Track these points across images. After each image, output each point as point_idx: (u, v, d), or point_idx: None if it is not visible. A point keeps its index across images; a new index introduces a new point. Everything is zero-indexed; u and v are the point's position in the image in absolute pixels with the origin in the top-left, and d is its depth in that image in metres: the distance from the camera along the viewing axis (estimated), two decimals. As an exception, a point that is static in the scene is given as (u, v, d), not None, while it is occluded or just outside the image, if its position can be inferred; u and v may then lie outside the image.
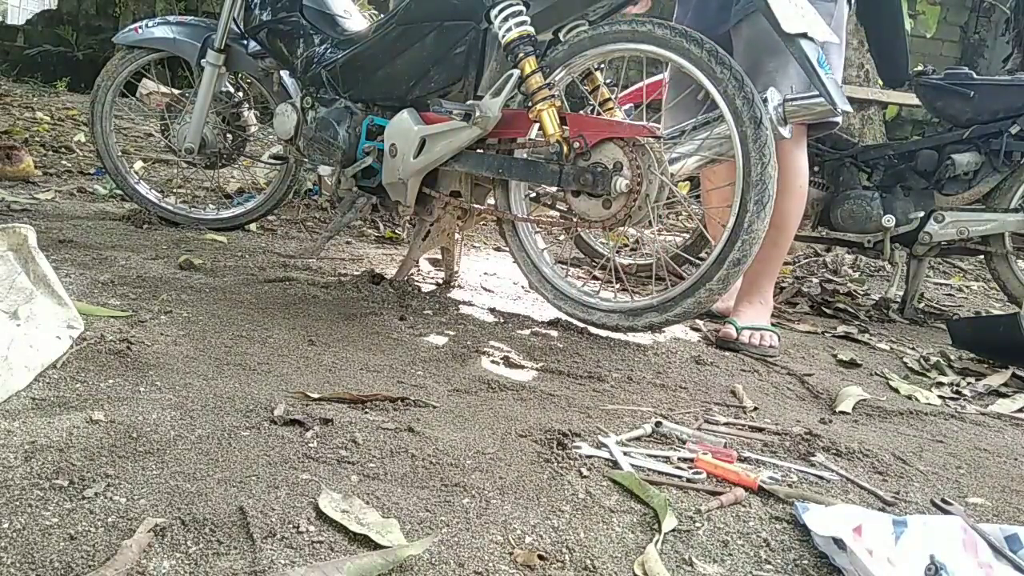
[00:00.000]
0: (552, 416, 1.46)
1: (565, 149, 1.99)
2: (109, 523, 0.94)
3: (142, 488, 1.02)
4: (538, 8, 2.05)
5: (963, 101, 2.83)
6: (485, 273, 2.82)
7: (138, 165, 3.50)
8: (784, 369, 2.06)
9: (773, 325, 2.29)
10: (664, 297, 2.00)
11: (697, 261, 2.71)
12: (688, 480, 1.25)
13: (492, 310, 2.20)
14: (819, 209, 3.03)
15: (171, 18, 2.80)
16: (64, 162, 3.82)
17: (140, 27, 2.73)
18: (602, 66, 2.19)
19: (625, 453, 1.32)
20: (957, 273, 4.18)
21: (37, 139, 4.22)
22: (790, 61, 2.10)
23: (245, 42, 2.64)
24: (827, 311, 2.92)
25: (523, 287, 2.65)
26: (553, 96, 2.01)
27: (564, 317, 2.18)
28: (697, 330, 2.35)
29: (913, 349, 2.49)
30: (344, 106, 2.36)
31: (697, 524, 1.12)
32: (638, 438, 1.41)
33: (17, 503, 0.96)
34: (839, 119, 2.23)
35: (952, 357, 2.38)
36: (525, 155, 2.16)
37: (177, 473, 1.07)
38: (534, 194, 2.29)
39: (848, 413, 1.75)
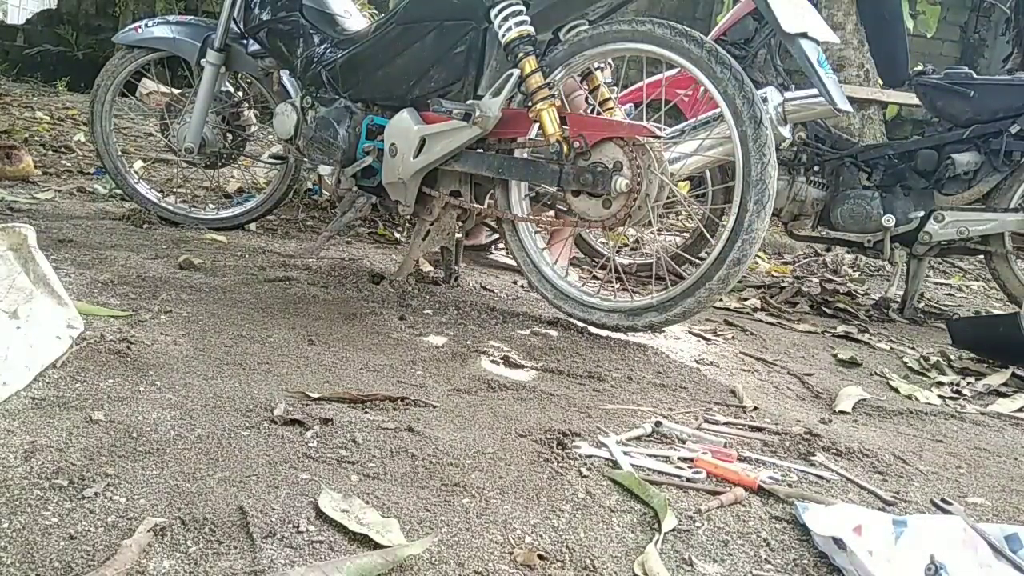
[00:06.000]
0: (552, 416, 1.46)
1: (565, 149, 1.99)
2: (109, 523, 0.94)
3: (142, 488, 1.02)
4: (538, 8, 2.05)
5: (963, 101, 2.83)
6: (485, 273, 2.82)
7: (138, 165, 3.49)
8: (784, 369, 2.06)
9: (773, 325, 2.28)
10: (664, 297, 2.00)
11: (697, 261, 2.71)
12: (688, 480, 1.25)
13: (492, 310, 2.20)
14: (819, 209, 3.03)
15: (171, 18, 2.80)
16: (64, 162, 3.82)
17: (140, 27, 2.73)
18: (602, 66, 2.19)
19: (625, 453, 1.32)
20: (957, 273, 4.18)
21: (37, 139, 4.22)
22: None
23: (245, 42, 2.64)
24: (827, 311, 2.92)
25: (523, 287, 2.64)
26: (553, 96, 2.01)
27: (564, 317, 2.18)
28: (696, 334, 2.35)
29: (913, 349, 2.49)
30: (344, 106, 2.36)
31: (697, 524, 1.12)
32: (638, 438, 1.41)
33: (17, 503, 0.95)
34: None
35: (952, 357, 2.38)
36: (525, 155, 2.16)
37: (177, 473, 1.07)
38: (534, 194, 2.29)
39: (848, 413, 1.75)
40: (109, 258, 2.19)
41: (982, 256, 3.07)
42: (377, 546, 0.96)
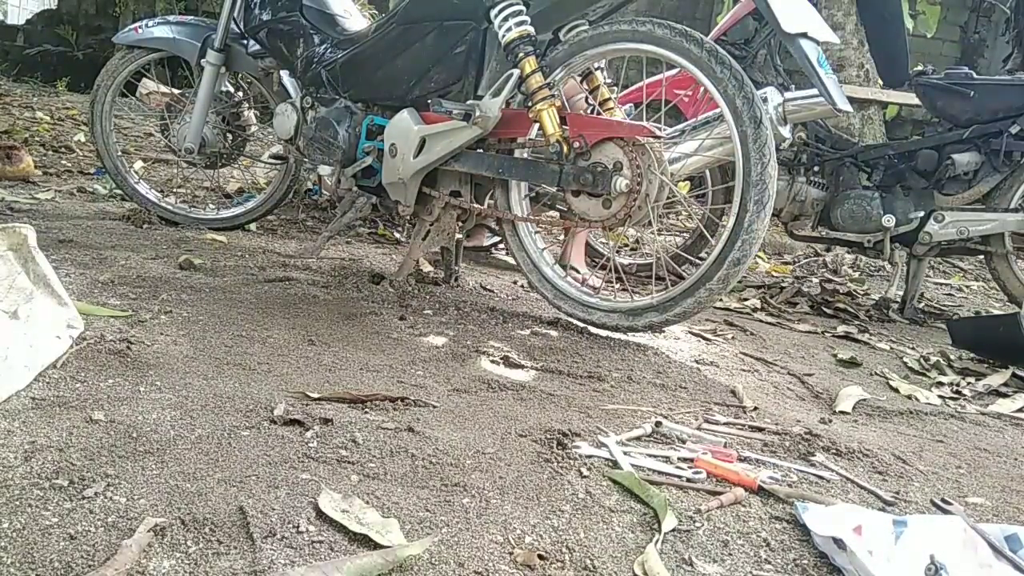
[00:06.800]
0: (552, 416, 1.46)
1: (565, 149, 1.99)
2: (109, 523, 0.94)
3: (142, 488, 1.02)
4: (538, 8, 2.05)
5: (963, 101, 2.83)
6: (485, 273, 2.82)
7: (138, 165, 3.50)
8: (784, 369, 2.06)
9: (773, 325, 2.28)
10: (664, 297, 2.00)
11: (697, 261, 2.71)
12: (688, 480, 1.25)
13: (492, 310, 2.20)
14: (819, 209, 3.03)
15: (171, 18, 2.80)
16: (64, 162, 3.82)
17: (140, 27, 2.73)
18: (601, 66, 2.19)
19: (625, 453, 1.32)
20: (957, 273, 4.18)
21: (37, 139, 4.22)
22: None
23: (245, 42, 2.64)
24: (827, 311, 2.92)
25: (523, 287, 2.64)
26: (553, 96, 2.01)
27: (564, 317, 2.18)
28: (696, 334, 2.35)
29: (913, 349, 2.49)
30: (344, 106, 2.36)
31: (697, 524, 1.12)
32: (638, 438, 1.41)
33: (17, 503, 0.95)
34: None
35: (952, 357, 2.38)
36: (525, 155, 2.16)
37: (177, 473, 1.07)
38: (534, 194, 2.29)
39: (848, 413, 1.75)
40: (109, 258, 2.19)
41: (982, 256, 3.07)
42: (377, 546, 0.96)
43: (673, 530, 1.09)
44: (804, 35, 1.98)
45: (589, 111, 2.24)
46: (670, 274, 2.53)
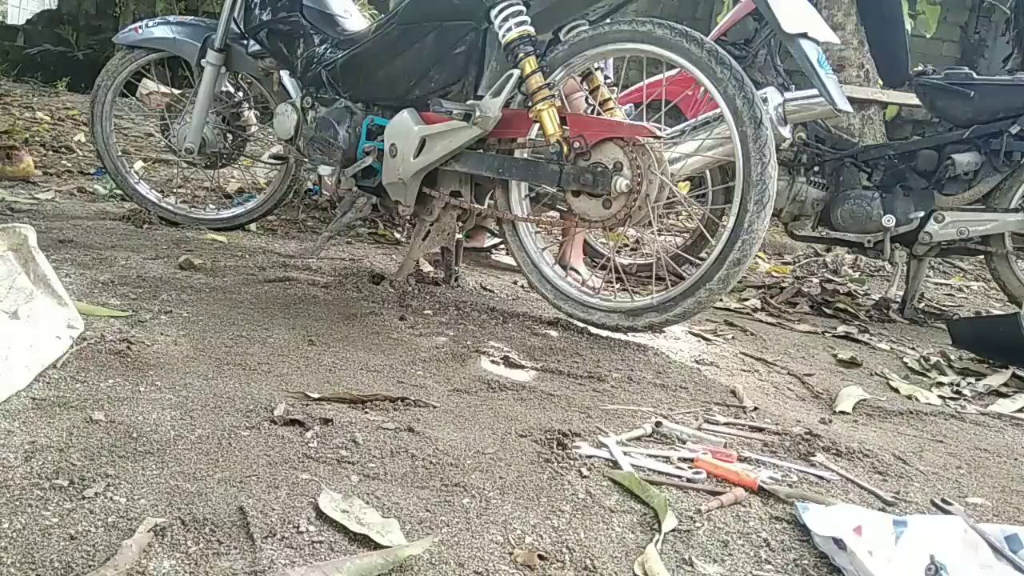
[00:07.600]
0: (552, 416, 1.46)
1: (565, 149, 1.98)
2: (109, 523, 0.94)
3: (142, 488, 1.02)
4: (538, 8, 2.05)
5: (963, 101, 2.83)
6: (485, 273, 2.82)
7: (138, 165, 3.49)
8: (784, 369, 2.06)
9: (773, 325, 2.28)
10: (664, 297, 2.00)
11: (697, 261, 2.71)
12: (688, 480, 1.25)
13: (492, 310, 2.20)
14: (819, 209, 3.03)
15: (171, 18, 2.80)
16: (64, 162, 3.82)
17: (140, 27, 2.74)
18: (602, 66, 2.19)
19: (625, 453, 1.32)
20: (957, 273, 4.18)
21: (37, 139, 4.22)
22: None
23: (245, 42, 2.64)
24: (827, 311, 2.92)
25: (523, 287, 2.64)
26: (553, 96, 2.01)
27: (564, 317, 2.18)
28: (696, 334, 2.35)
29: (913, 349, 2.48)
30: (344, 106, 2.36)
31: (697, 524, 1.12)
32: (638, 438, 1.41)
33: (17, 503, 0.95)
34: None
35: (952, 357, 2.38)
36: (525, 155, 2.16)
37: (177, 473, 1.07)
38: (534, 194, 2.29)
39: (848, 413, 1.75)
40: (109, 258, 2.19)
41: (982, 256, 3.07)
42: (377, 546, 0.96)
43: (673, 530, 1.09)
44: (804, 35, 1.98)
45: (589, 111, 2.24)
46: (670, 274, 2.53)
